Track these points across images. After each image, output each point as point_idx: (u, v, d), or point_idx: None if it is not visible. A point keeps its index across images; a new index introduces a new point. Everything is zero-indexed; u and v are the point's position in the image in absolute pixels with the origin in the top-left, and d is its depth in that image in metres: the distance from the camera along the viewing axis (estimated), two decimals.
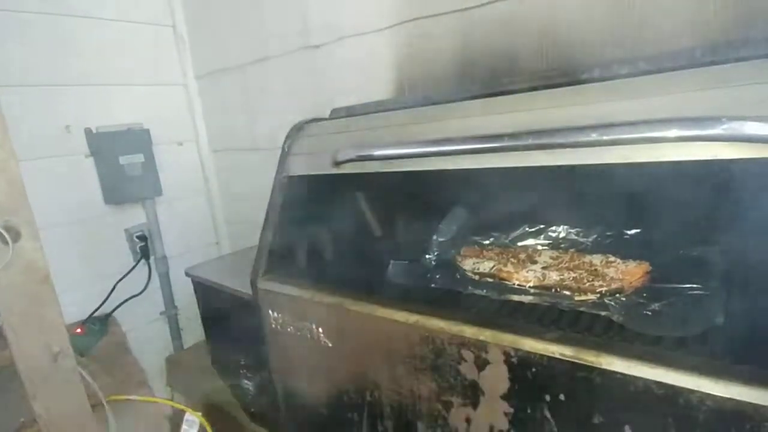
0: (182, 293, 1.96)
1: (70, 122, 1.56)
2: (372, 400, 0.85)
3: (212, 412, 1.46)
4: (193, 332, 2.03)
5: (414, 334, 0.74)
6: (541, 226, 0.98)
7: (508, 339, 0.63)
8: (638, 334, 0.60)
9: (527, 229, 0.99)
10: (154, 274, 1.86)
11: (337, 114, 1.15)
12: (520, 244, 0.97)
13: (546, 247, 0.93)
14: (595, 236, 0.90)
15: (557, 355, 0.58)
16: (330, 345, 0.89)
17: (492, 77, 1.12)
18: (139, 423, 1.25)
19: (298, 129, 1.08)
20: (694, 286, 0.66)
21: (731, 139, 0.52)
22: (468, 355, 0.68)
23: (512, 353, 0.63)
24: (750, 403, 0.46)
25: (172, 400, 1.74)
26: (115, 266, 1.74)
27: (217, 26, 1.77)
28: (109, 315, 1.68)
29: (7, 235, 0.74)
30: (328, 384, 0.93)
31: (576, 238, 0.93)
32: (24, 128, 1.46)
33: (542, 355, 0.60)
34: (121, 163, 1.63)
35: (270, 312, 1.00)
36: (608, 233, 0.90)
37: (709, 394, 0.49)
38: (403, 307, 0.76)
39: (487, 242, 1.00)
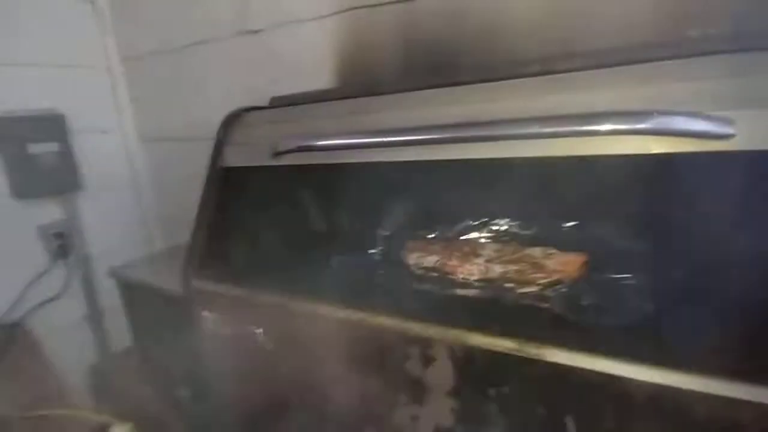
0: (109, 295, 1.81)
1: None
2: (315, 403, 0.82)
3: (143, 422, 1.36)
4: (121, 337, 1.87)
5: (358, 331, 0.71)
6: (484, 220, 0.99)
7: (453, 334, 0.62)
8: (577, 325, 0.61)
9: (471, 222, 0.99)
10: (75, 274, 1.70)
11: (277, 102, 1.10)
12: (463, 237, 0.97)
13: (489, 240, 0.94)
14: (534, 229, 0.92)
15: (501, 349, 0.58)
16: (271, 347, 0.84)
17: (434, 70, 1.11)
18: None
19: (234, 118, 1.01)
20: (627, 276, 0.68)
21: (661, 132, 0.54)
22: (413, 352, 0.67)
23: (457, 348, 0.62)
24: (678, 388, 0.48)
25: (97, 411, 1.60)
26: (25, 268, 1.57)
27: (145, 5, 1.63)
28: (16, 323, 1.51)
29: None
30: (269, 387, 0.89)
31: (517, 231, 0.94)
32: None
33: (487, 350, 0.60)
34: (31, 153, 1.46)
35: (205, 313, 0.94)
36: (547, 225, 0.92)
37: (645, 382, 0.50)
38: (346, 305, 0.73)
39: (431, 236, 0.99)
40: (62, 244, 1.63)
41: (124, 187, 1.87)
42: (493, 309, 0.69)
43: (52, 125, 1.51)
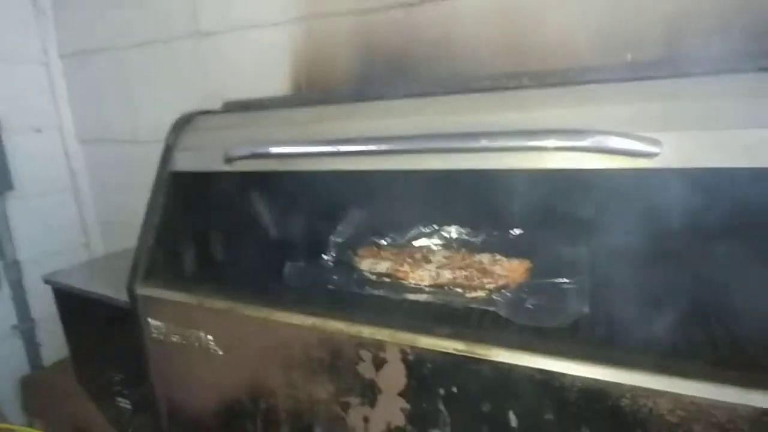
0: (41, 303, 1.69)
1: None
2: (267, 407, 0.81)
3: None
4: (55, 348, 1.76)
5: (311, 336, 0.72)
6: (435, 227, 1.03)
7: (405, 337, 0.65)
8: (521, 327, 0.65)
9: (422, 229, 1.03)
10: (3, 281, 1.58)
11: (230, 107, 1.09)
12: (415, 243, 1.00)
13: (439, 247, 0.97)
14: (483, 236, 0.97)
15: (450, 350, 0.61)
16: (221, 353, 0.83)
17: (389, 80, 1.14)
18: None
19: (185, 121, 0.99)
20: (566, 281, 0.74)
21: (598, 150, 0.59)
22: (366, 354, 0.68)
23: (408, 351, 0.65)
24: (612, 382, 0.53)
25: (31, 427, 1.50)
26: None
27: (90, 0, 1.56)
28: None
29: None
30: (218, 394, 0.87)
31: (466, 238, 0.98)
32: None
33: (437, 351, 0.62)
34: None
35: (150, 321, 0.91)
36: (495, 233, 0.97)
37: (578, 377, 0.55)
38: (300, 310, 0.73)
39: (384, 242, 1.02)
40: None
41: (61, 190, 1.76)
42: (442, 313, 0.73)
43: None
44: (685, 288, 0.69)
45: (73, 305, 1.12)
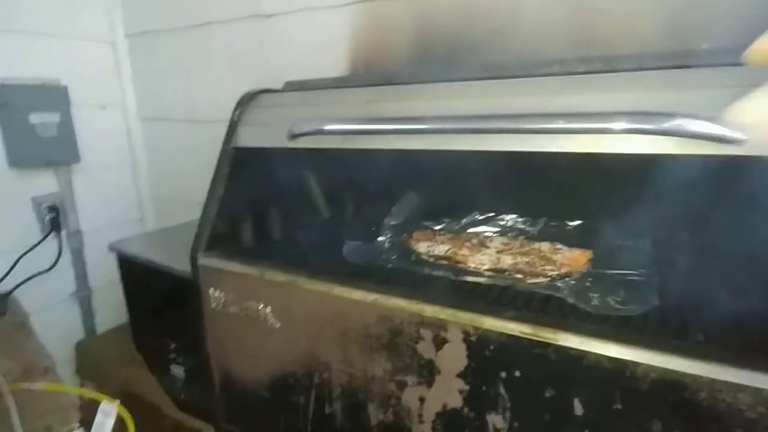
0: (97, 272, 1.79)
1: None
2: (320, 382, 0.83)
3: (130, 401, 1.35)
4: (108, 317, 1.85)
5: (371, 313, 0.73)
6: (491, 215, 1.02)
7: (468, 318, 0.65)
8: (588, 314, 0.64)
9: (477, 216, 1.02)
10: (66, 249, 1.68)
11: (291, 87, 1.10)
12: (470, 230, 0.99)
13: (495, 234, 0.96)
14: (540, 226, 0.95)
15: (516, 333, 0.61)
16: (278, 326, 0.85)
17: (447, 63, 1.13)
18: (45, 414, 1.12)
19: (249, 98, 1.02)
20: (632, 272, 0.72)
21: (680, 134, 0.57)
22: (426, 334, 0.68)
23: (471, 332, 0.64)
24: (689, 374, 0.51)
25: (84, 388, 1.58)
26: (17, 239, 1.54)
27: None
28: (8, 294, 1.48)
29: None
30: (273, 367, 0.89)
31: (523, 227, 0.97)
32: None
33: (501, 333, 0.62)
34: (32, 122, 1.44)
35: (211, 291, 0.94)
36: (552, 224, 0.95)
37: (652, 367, 0.53)
38: (361, 286, 0.74)
39: (438, 227, 1.02)
40: (55, 217, 1.60)
41: (120, 165, 1.84)
42: (505, 296, 0.72)
43: (55, 96, 1.49)
44: (763, 282, 0.66)
45: (136, 273, 1.18)
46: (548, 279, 0.73)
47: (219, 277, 0.92)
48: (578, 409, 0.59)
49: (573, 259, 0.77)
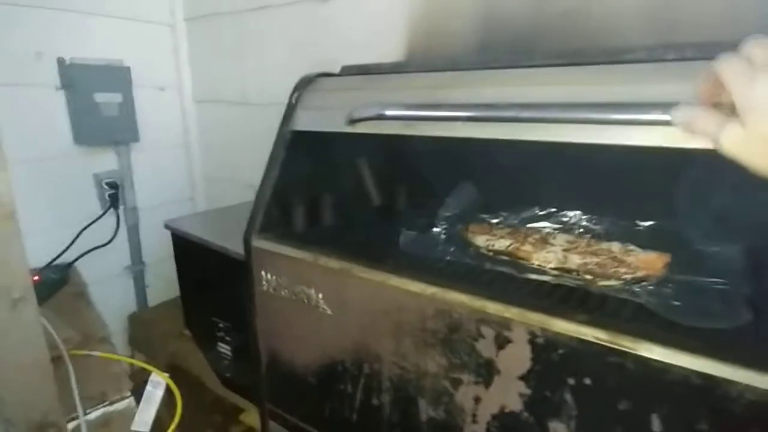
0: (151, 248, 1.85)
1: (42, 49, 1.40)
2: (370, 373, 0.82)
3: (178, 374, 1.39)
4: (160, 291, 1.92)
5: (429, 306, 0.70)
6: (552, 210, 0.96)
7: (535, 318, 0.61)
8: (670, 323, 0.59)
9: (537, 212, 0.97)
10: (123, 225, 1.74)
11: (348, 71, 1.08)
12: (529, 225, 0.94)
13: (557, 231, 0.91)
14: (607, 225, 0.89)
15: (590, 338, 0.56)
16: (329, 312, 0.84)
17: (512, 50, 1.07)
18: (100, 381, 1.17)
19: (307, 82, 1.00)
20: (719, 281, 0.65)
21: None
22: (488, 332, 0.65)
23: (538, 333, 0.61)
24: None
25: (136, 359, 1.65)
26: (79, 213, 1.61)
27: None
28: (70, 264, 1.55)
29: None
30: (321, 353, 0.89)
31: (588, 224, 0.91)
32: None
33: (572, 337, 0.58)
34: (97, 101, 1.49)
35: (263, 273, 0.94)
36: (621, 223, 0.89)
37: (750, 387, 0.48)
38: (419, 278, 0.72)
39: (495, 221, 0.97)
40: (114, 194, 1.66)
41: (174, 145, 1.89)
42: (574, 297, 0.67)
43: (118, 76, 1.54)
44: None
45: (189, 251, 1.20)
46: (621, 282, 0.68)
47: (271, 260, 0.92)
48: (656, 425, 0.54)
49: (648, 262, 0.71)
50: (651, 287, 0.65)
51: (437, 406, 0.74)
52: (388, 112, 0.80)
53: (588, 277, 0.71)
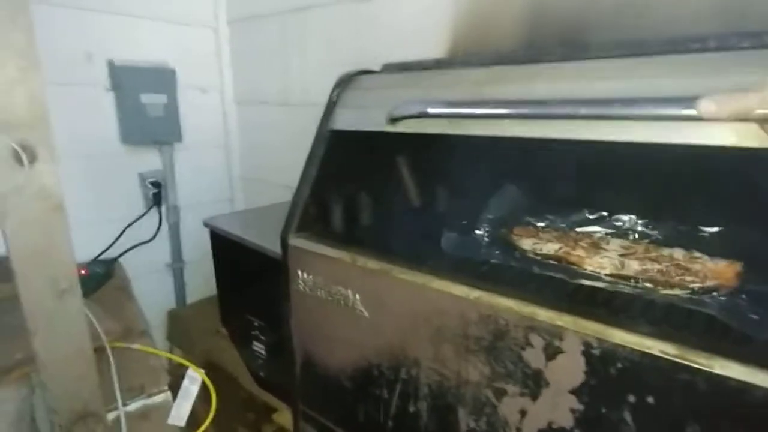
0: (190, 246, 1.89)
1: (92, 50, 1.45)
2: (407, 378, 0.78)
3: (213, 371, 1.40)
4: (198, 289, 1.96)
5: (473, 311, 0.66)
6: (604, 214, 0.90)
7: (592, 328, 0.56)
8: (747, 338, 0.53)
9: (588, 215, 0.91)
10: (164, 223, 1.78)
11: (390, 69, 1.06)
12: (579, 229, 0.89)
13: (609, 236, 0.85)
14: (667, 230, 0.82)
15: (656, 352, 0.51)
16: (367, 314, 0.82)
17: (562, 45, 1.02)
18: (139, 373, 1.19)
19: (348, 80, 0.98)
20: None
21: None
22: (537, 340, 0.61)
23: (594, 344, 0.56)
24: None
25: (174, 354, 1.67)
26: (124, 210, 1.66)
27: None
28: (115, 259, 1.60)
29: (23, 155, 0.66)
30: (357, 356, 0.86)
31: (644, 229, 0.85)
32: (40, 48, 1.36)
33: (634, 350, 0.53)
34: (143, 102, 1.53)
35: (299, 272, 0.92)
36: (682, 227, 0.82)
37: None
38: (463, 281, 0.68)
39: (542, 224, 0.92)
40: (157, 192, 1.71)
41: (215, 146, 1.93)
42: (634, 307, 0.62)
43: (164, 78, 1.58)
44: None
45: (227, 250, 1.21)
46: (688, 291, 0.62)
47: (309, 260, 0.91)
48: None
49: (718, 271, 0.65)
50: (723, 298, 0.59)
51: (479, 417, 0.70)
52: (431, 110, 0.77)
53: (648, 285, 0.65)
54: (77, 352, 0.84)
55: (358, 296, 0.82)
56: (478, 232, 0.89)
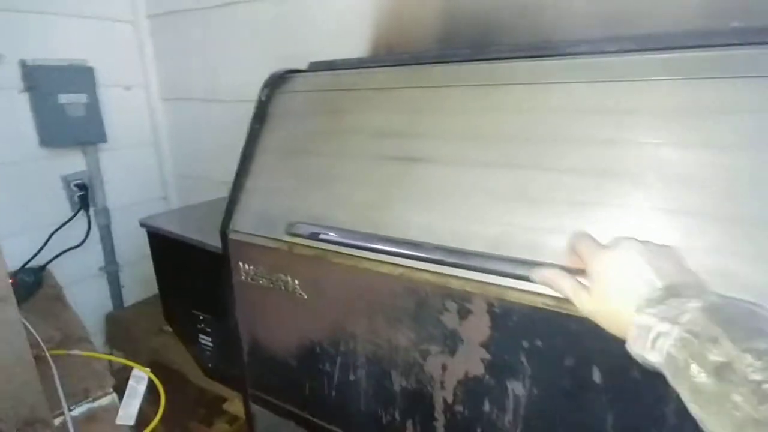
0: (125, 248, 1.86)
1: (2, 51, 1.38)
2: (346, 350, 0.88)
3: (160, 370, 1.42)
4: (136, 291, 1.93)
5: (398, 286, 0.76)
6: None
7: (493, 291, 0.68)
8: None
9: None
10: (94, 226, 1.74)
11: (316, 67, 1.12)
12: None
13: None
14: None
15: (540, 305, 0.63)
16: (306, 297, 0.89)
17: (473, 46, 1.13)
18: (82, 378, 1.19)
19: (276, 79, 1.04)
20: None
21: None
22: (451, 305, 0.72)
23: (495, 304, 0.68)
24: None
25: (117, 356, 1.66)
26: (50, 216, 1.60)
27: None
28: (43, 267, 1.55)
29: None
30: (300, 336, 0.94)
31: None
32: None
33: (524, 305, 0.65)
34: (62, 102, 1.48)
35: (240, 264, 0.98)
36: None
37: None
38: (389, 260, 0.77)
39: None
40: (84, 195, 1.66)
41: (144, 144, 1.89)
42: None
43: (82, 77, 1.53)
44: None
45: (166, 247, 1.23)
46: None
47: (249, 251, 0.96)
48: (597, 377, 0.62)
49: None
50: None
51: (409, 377, 0.81)
52: (322, 236, 0.82)
53: None
54: (17, 360, 0.86)
55: (296, 281, 0.90)
56: None
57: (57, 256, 1.61)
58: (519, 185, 0.70)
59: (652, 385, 0.58)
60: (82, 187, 1.65)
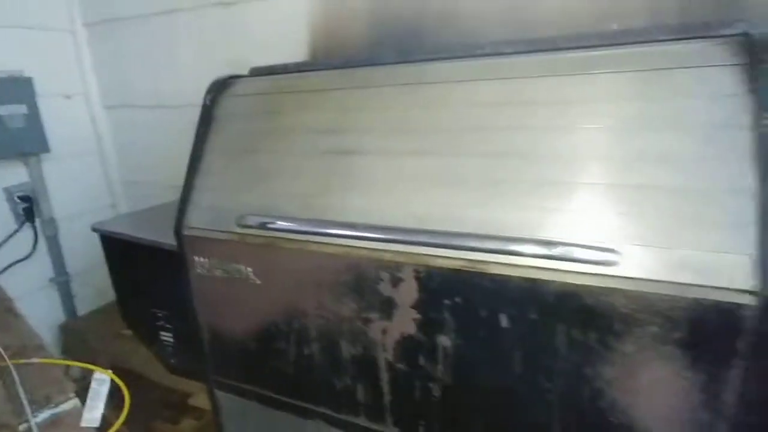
0: (75, 258, 1.85)
1: None
2: (299, 327, 0.97)
3: (122, 375, 1.45)
4: (88, 300, 1.93)
5: (341, 263, 0.87)
6: None
7: (418, 259, 0.80)
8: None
9: None
10: (41, 237, 1.73)
11: (257, 72, 1.20)
12: None
13: None
14: None
15: (457, 266, 0.76)
16: (259, 282, 0.98)
17: (401, 48, 1.25)
18: (43, 385, 1.22)
19: (219, 84, 1.11)
20: None
21: None
22: (385, 275, 0.83)
23: (421, 270, 0.80)
24: None
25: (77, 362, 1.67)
26: None
27: None
28: None
29: None
30: (256, 319, 1.03)
31: None
32: None
33: (443, 268, 0.77)
34: (0, 114, 1.48)
35: (196, 258, 1.05)
36: None
37: (549, 280, 0.70)
38: (331, 242, 0.88)
39: None
40: (28, 207, 1.65)
41: (88, 153, 1.89)
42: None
43: (20, 87, 1.53)
44: None
45: (121, 250, 1.27)
46: None
47: (203, 245, 1.04)
48: (504, 323, 0.75)
49: None
50: None
51: (355, 344, 0.92)
52: (270, 225, 0.93)
53: None
54: None
55: (249, 269, 0.98)
56: None
57: (4, 270, 1.59)
58: (438, 169, 0.83)
59: (546, 323, 0.72)
60: (26, 199, 1.64)
